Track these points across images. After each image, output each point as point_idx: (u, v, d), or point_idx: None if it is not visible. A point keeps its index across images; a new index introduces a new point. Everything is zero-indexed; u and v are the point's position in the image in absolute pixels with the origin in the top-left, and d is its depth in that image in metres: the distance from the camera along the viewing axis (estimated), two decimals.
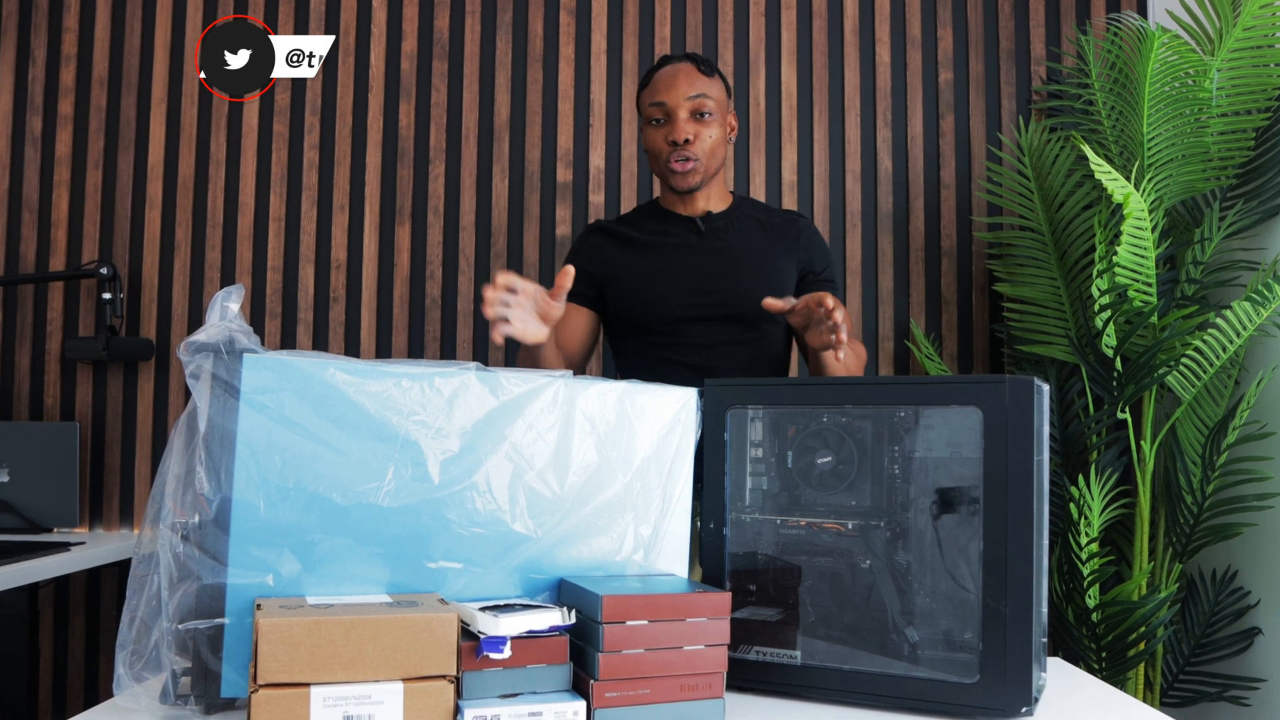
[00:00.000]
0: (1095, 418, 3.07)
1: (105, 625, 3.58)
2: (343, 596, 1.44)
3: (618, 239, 2.59)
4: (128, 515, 3.59)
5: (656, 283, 2.50)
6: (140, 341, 3.53)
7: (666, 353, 2.49)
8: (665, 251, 2.54)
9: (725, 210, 2.60)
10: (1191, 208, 3.25)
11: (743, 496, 1.76)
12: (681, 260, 2.52)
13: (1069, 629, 2.99)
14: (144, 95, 3.67)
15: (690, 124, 2.47)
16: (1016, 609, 1.51)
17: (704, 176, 2.51)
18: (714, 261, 2.50)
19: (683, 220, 2.58)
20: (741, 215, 2.60)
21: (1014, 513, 1.52)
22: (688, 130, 2.46)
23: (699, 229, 2.55)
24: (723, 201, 2.62)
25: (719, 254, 2.52)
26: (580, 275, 2.53)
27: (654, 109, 2.49)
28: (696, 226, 2.56)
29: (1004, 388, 1.53)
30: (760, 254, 2.53)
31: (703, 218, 2.57)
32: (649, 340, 2.50)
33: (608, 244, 2.59)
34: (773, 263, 2.53)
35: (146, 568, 1.44)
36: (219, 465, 1.41)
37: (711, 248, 2.52)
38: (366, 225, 3.62)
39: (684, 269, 2.50)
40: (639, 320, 2.51)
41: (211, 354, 1.42)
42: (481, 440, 1.56)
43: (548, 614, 1.42)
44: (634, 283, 2.52)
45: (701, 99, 2.47)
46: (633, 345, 2.55)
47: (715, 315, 2.47)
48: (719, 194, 2.61)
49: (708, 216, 2.57)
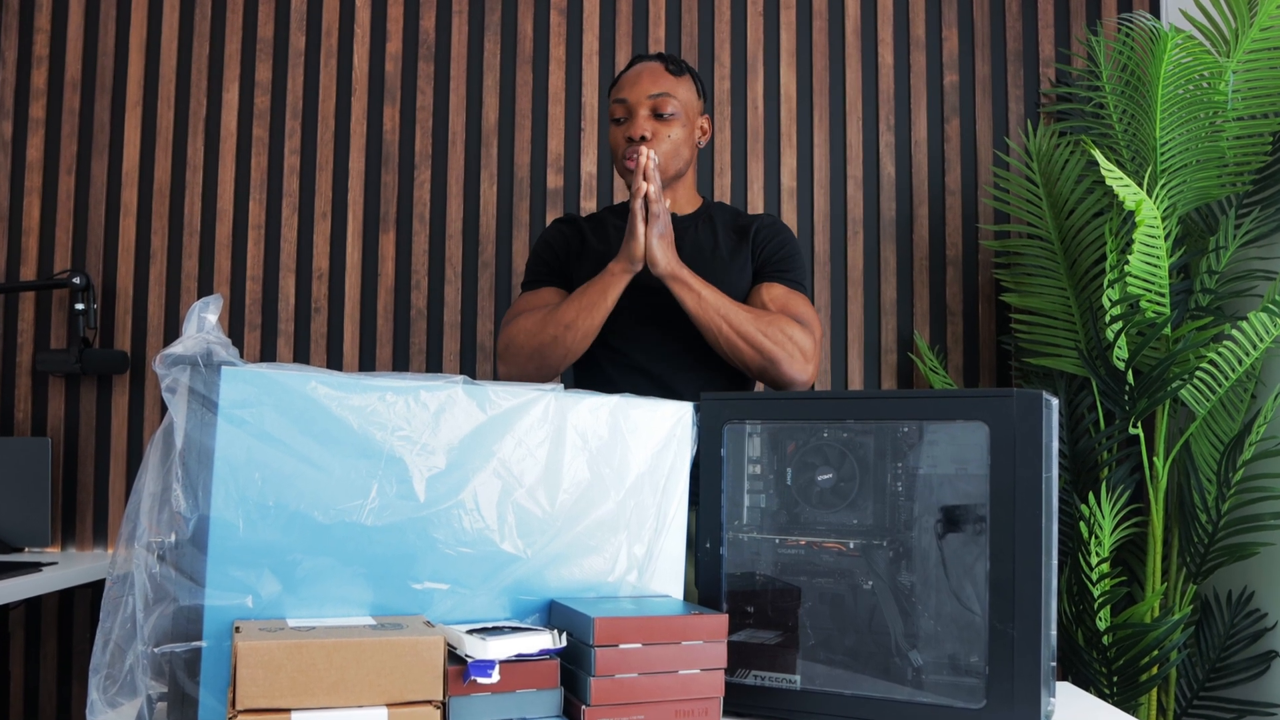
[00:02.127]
0: (1106, 433, 3.08)
1: (78, 649, 3.57)
2: (325, 619, 1.43)
3: (581, 234, 2.59)
4: (101, 534, 3.59)
5: None
6: (114, 354, 3.53)
7: (622, 358, 2.48)
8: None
9: (691, 214, 2.59)
10: (1206, 215, 3.26)
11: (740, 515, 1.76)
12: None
13: (1079, 652, 2.99)
14: (118, 98, 3.68)
15: (649, 122, 2.46)
16: (1024, 631, 1.51)
17: (667, 178, 2.50)
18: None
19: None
20: (706, 220, 2.59)
21: (1022, 532, 1.52)
22: (645, 128, 2.45)
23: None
24: (690, 204, 2.61)
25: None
26: (548, 261, 2.56)
27: (616, 106, 2.51)
28: None
29: (1011, 402, 1.54)
30: (718, 257, 2.51)
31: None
32: (604, 343, 2.48)
33: (573, 237, 2.59)
34: (729, 266, 2.51)
35: (121, 589, 1.44)
36: (196, 482, 1.41)
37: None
38: (350, 233, 3.63)
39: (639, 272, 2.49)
40: None
41: (188, 367, 1.42)
42: (469, 456, 1.56)
43: (538, 637, 1.42)
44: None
45: (664, 98, 2.46)
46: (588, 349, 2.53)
47: (668, 320, 2.46)
48: (686, 196, 2.60)
49: (672, 218, 2.55)
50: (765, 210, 3.60)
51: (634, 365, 2.48)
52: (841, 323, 3.59)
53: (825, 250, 3.61)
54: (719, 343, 2.34)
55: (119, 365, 3.54)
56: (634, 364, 2.48)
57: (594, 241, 2.56)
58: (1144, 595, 3.10)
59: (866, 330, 3.59)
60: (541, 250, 2.60)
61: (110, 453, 3.60)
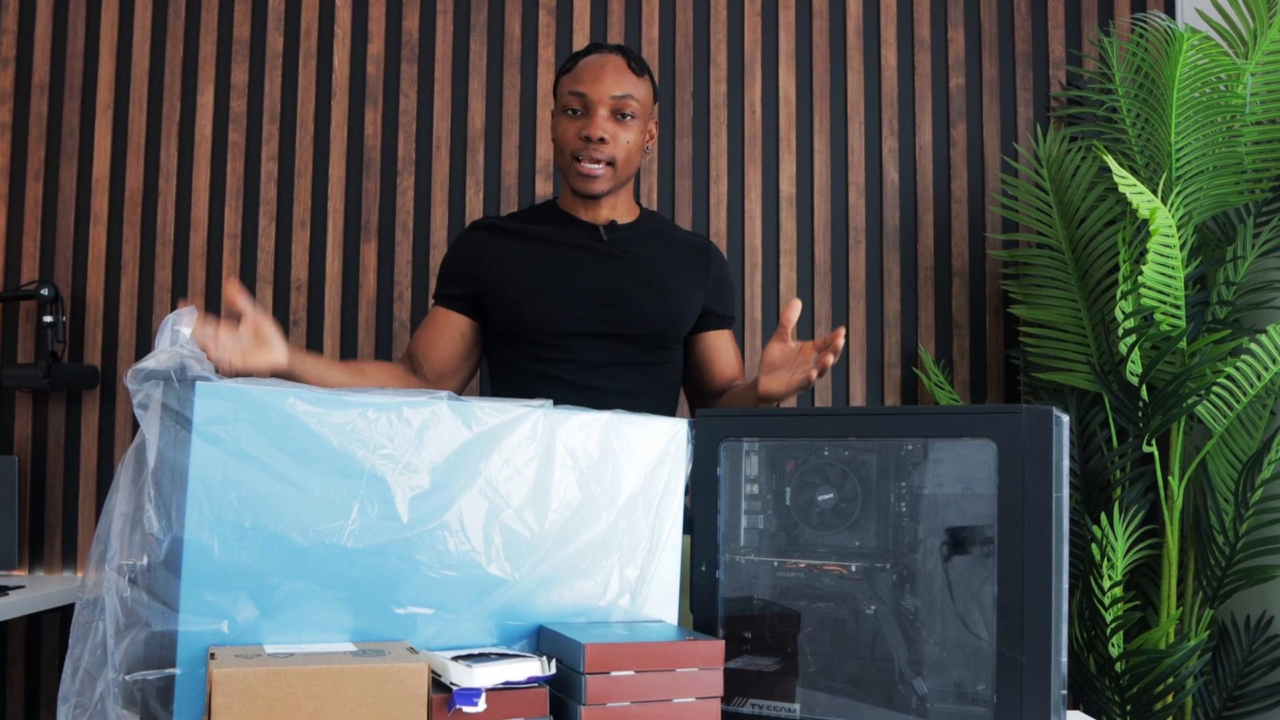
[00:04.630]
0: (1119, 451, 3.09)
1: (46, 676, 3.56)
2: (304, 645, 1.43)
3: (506, 236, 2.56)
4: (70, 557, 3.59)
5: (545, 289, 2.47)
6: (84, 368, 3.53)
7: (548, 368, 2.47)
8: (559, 257, 2.50)
9: (632, 222, 2.59)
10: (1223, 223, 3.27)
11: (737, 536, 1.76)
12: (577, 269, 2.49)
13: (1091, 680, 2.99)
14: (88, 101, 3.68)
15: (609, 122, 2.44)
16: (1034, 658, 1.51)
17: (613, 183, 2.49)
18: (612, 275, 2.48)
19: (582, 226, 2.55)
20: (649, 230, 2.59)
21: (1031, 554, 1.52)
22: (605, 129, 2.43)
23: (600, 238, 2.53)
24: (629, 213, 2.61)
25: (619, 268, 2.50)
26: (457, 276, 2.55)
27: (573, 98, 2.47)
28: (598, 235, 2.53)
29: (1020, 419, 1.54)
30: (666, 275, 2.52)
31: (606, 226, 2.55)
32: (529, 352, 2.47)
33: (494, 241, 2.55)
34: (679, 286, 2.53)
35: (91, 614, 1.44)
36: (169, 502, 1.41)
37: (612, 260, 2.50)
38: (330, 242, 3.63)
39: (578, 278, 2.47)
40: (520, 328, 2.47)
41: (161, 382, 1.42)
42: (454, 476, 1.56)
43: (526, 664, 1.42)
44: (519, 286, 2.48)
45: (626, 99, 2.45)
46: (510, 356, 2.52)
47: (607, 333, 2.45)
48: (626, 204, 2.60)
49: (611, 226, 2.55)
50: (764, 218, 3.60)
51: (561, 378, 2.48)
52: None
53: (826, 260, 3.61)
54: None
55: (89, 380, 3.54)
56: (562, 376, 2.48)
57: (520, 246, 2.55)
58: (1159, 620, 3.10)
59: (869, 344, 3.60)
60: (448, 260, 2.63)
61: (80, 472, 3.60)
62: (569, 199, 2.59)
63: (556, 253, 2.51)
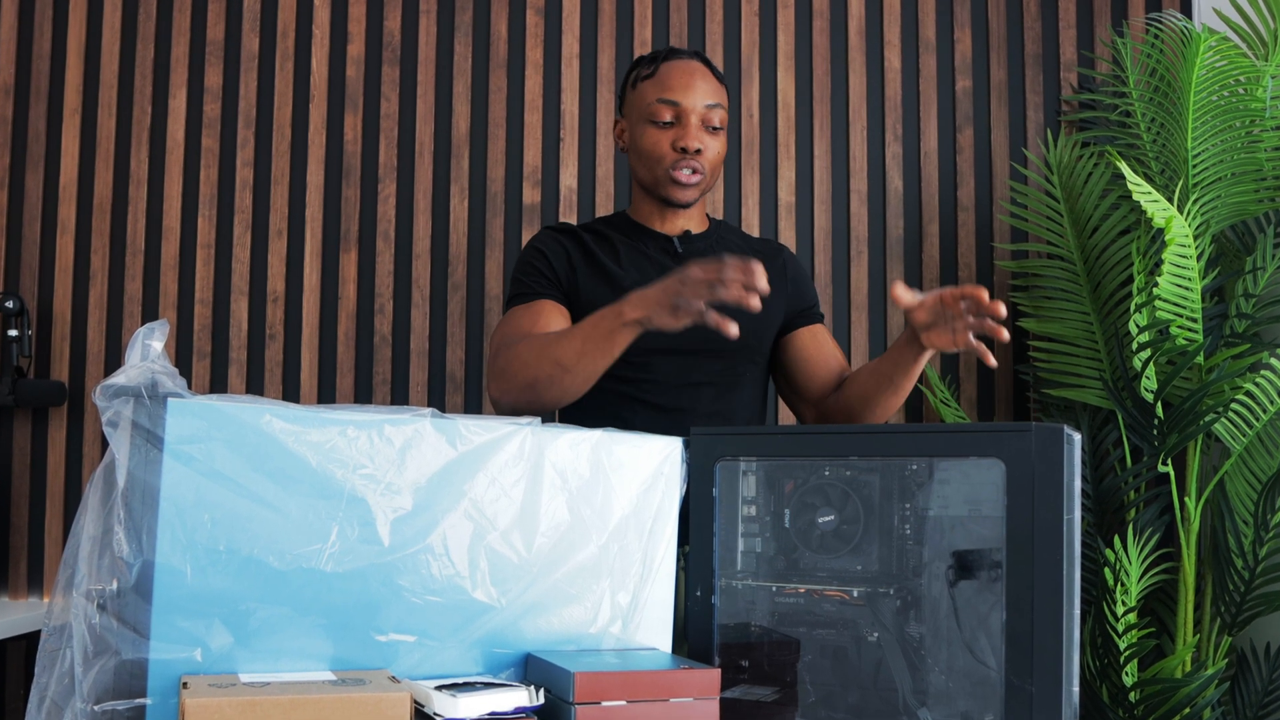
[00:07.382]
0: (1133, 471, 3.09)
1: (11, 706, 3.55)
2: (281, 673, 1.44)
3: (585, 248, 2.54)
4: (36, 581, 3.58)
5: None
6: (51, 384, 3.52)
7: (628, 388, 2.45)
8: (638, 270, 2.50)
9: (704, 232, 2.61)
10: (1242, 233, 3.28)
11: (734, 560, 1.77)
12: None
13: (1104, 710, 3.00)
14: (55, 105, 3.68)
15: (703, 133, 2.46)
16: (1044, 688, 1.52)
17: (700, 193, 2.52)
18: None
19: (657, 237, 2.57)
20: (722, 239, 2.61)
21: (1041, 579, 1.53)
22: (701, 140, 2.45)
23: (676, 249, 2.55)
24: (701, 224, 2.63)
25: None
26: (550, 273, 2.50)
27: (663, 107, 2.46)
28: (673, 246, 2.55)
29: (1029, 437, 1.55)
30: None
31: (680, 237, 2.57)
32: (610, 371, 2.36)
33: (576, 248, 2.54)
34: (772, 299, 2.50)
35: (58, 641, 1.44)
36: (140, 525, 1.41)
37: None
38: (308, 252, 3.63)
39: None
40: None
41: (132, 399, 1.43)
42: (438, 497, 1.56)
43: (512, 693, 1.42)
44: (597, 303, 2.36)
45: (716, 109, 2.48)
46: None
47: (689, 349, 2.43)
48: (699, 215, 2.62)
49: (686, 236, 2.57)
50: (762, 227, 3.60)
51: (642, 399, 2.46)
52: (845, 349, 3.59)
53: (827, 271, 3.62)
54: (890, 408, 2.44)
55: (56, 397, 3.54)
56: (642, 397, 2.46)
57: (602, 256, 2.53)
58: (1175, 648, 3.11)
59: (871, 358, 3.60)
60: (535, 259, 2.54)
61: (46, 492, 3.59)
62: (643, 210, 2.60)
63: (634, 266, 2.51)
